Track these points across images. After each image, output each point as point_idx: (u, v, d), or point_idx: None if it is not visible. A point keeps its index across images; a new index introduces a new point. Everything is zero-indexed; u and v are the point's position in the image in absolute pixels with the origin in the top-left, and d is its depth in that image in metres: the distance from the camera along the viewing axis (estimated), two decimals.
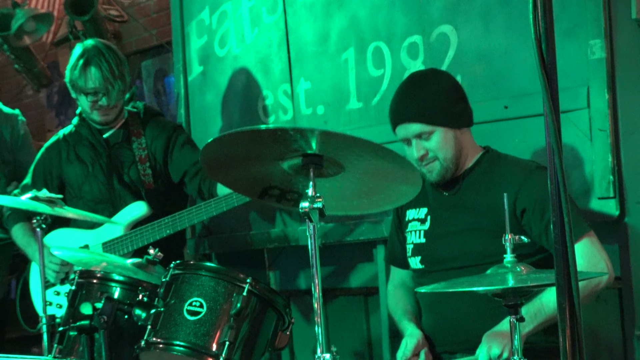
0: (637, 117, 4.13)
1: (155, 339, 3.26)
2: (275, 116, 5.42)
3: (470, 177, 3.79)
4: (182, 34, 5.85)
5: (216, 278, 3.39)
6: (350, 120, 5.00)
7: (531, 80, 4.22)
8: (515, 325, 2.81)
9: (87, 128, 4.88)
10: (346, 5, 5.02)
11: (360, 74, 4.97)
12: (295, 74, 5.25)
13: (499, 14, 4.38)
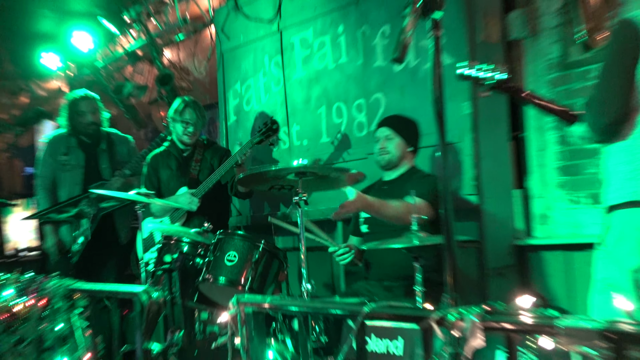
0: (488, 147, 4.14)
1: (208, 276, 3.46)
2: (278, 146, 5.39)
3: (400, 178, 3.92)
4: (224, 97, 5.88)
5: (243, 240, 3.53)
6: (322, 149, 5.02)
7: (428, 126, 3.89)
8: (419, 269, 2.96)
9: (174, 148, 4.87)
10: (320, 81, 5.07)
11: (328, 121, 5.04)
12: (290, 121, 5.33)
13: (409, 87, 4.45)
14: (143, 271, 3.93)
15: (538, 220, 4.32)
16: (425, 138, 4.24)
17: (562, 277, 4.15)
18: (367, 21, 4.70)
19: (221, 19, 5.86)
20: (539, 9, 4.30)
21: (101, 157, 5.25)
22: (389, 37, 4.58)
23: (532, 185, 4.36)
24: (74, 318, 2.55)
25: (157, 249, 3.86)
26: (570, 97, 4.14)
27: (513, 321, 1.27)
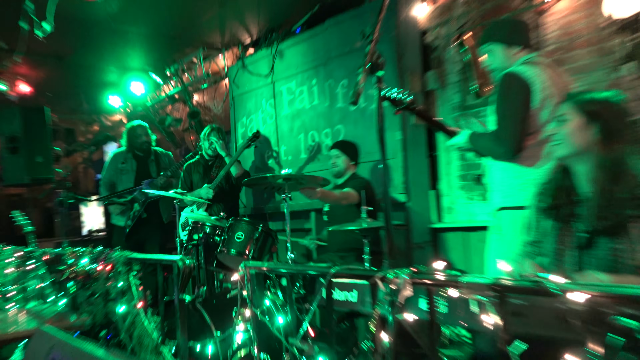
0: (412, 162, 4.17)
1: (223, 248, 3.43)
2: (272, 162, 5.35)
3: (346, 182, 3.83)
4: (235, 127, 5.81)
5: (247, 224, 3.48)
6: (301, 162, 4.97)
7: (372, 146, 4.13)
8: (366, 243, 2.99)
9: (202, 159, 4.75)
10: (300, 117, 5.02)
11: (305, 143, 4.99)
12: (280, 143, 5.27)
13: (360, 121, 4.42)
14: (178, 245, 3.92)
15: (446, 211, 4.33)
16: (369, 155, 4.24)
17: (461, 249, 4.16)
18: (332, 77, 4.69)
19: (233, 74, 5.82)
20: (446, 69, 4.32)
21: (150, 165, 5.22)
22: (346, 87, 4.57)
23: (442, 187, 4.35)
24: (130, 278, 2.50)
25: (188, 230, 3.81)
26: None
27: (431, 278, 1.25)
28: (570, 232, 1.68)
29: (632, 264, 1.52)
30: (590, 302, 0.97)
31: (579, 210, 1.68)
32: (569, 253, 1.66)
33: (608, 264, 1.56)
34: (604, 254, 1.57)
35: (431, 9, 4.30)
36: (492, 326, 1.17)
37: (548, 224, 1.75)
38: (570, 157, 1.68)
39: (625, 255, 1.54)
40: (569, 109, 1.70)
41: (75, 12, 4.57)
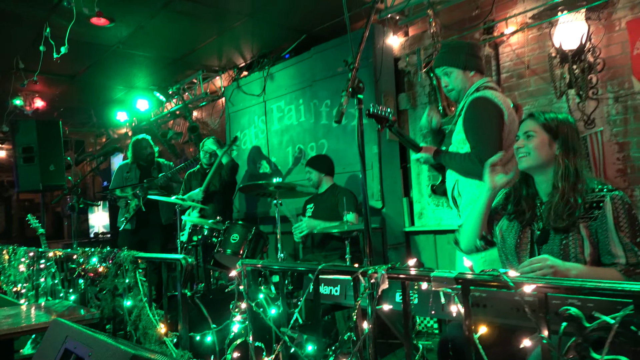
0: (387, 172, 4.18)
1: (220, 249, 3.39)
2: (263, 172, 5.28)
3: (325, 193, 3.75)
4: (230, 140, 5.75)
5: (242, 227, 3.44)
6: (290, 172, 4.95)
7: (353, 158, 4.24)
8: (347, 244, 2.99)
9: (202, 168, 4.62)
10: (288, 132, 5.01)
11: (293, 155, 4.97)
12: (270, 155, 5.23)
13: (341, 136, 4.41)
14: (179, 245, 3.86)
15: (417, 216, 4.38)
16: (350, 166, 4.28)
17: (431, 250, 4.19)
18: (316, 97, 4.71)
19: (228, 93, 5.80)
20: (416, 92, 4.40)
21: (153, 174, 5.13)
22: (330, 107, 4.59)
23: (414, 195, 4.40)
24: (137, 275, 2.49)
25: (188, 232, 3.78)
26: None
27: (405, 273, 1.27)
28: (529, 231, 1.73)
29: (580, 257, 1.58)
30: (541, 293, 1.01)
31: (537, 212, 1.73)
32: (527, 248, 1.71)
33: (559, 257, 1.60)
34: (557, 248, 1.62)
35: (403, 40, 4.41)
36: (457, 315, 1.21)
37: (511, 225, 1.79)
38: (534, 169, 1.73)
39: (573, 250, 1.59)
40: (534, 126, 1.72)
41: (88, 36, 4.56)
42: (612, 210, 1.58)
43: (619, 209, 1.57)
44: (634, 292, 0.89)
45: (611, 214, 1.57)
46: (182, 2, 4.05)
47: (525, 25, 3.56)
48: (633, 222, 1.57)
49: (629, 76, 3.13)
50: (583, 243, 1.59)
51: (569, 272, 1.48)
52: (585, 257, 1.59)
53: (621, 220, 1.56)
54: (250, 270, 1.75)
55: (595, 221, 1.60)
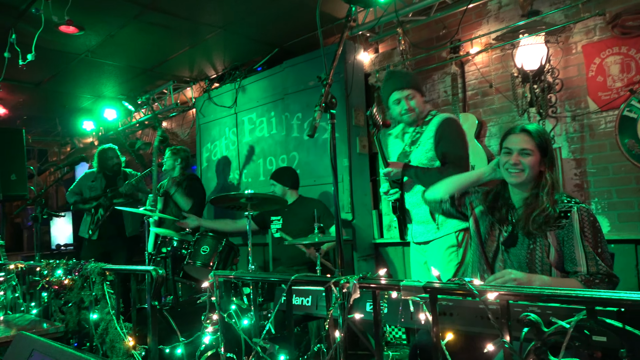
0: (357, 185, 4.21)
1: (189, 261, 3.33)
2: (233, 183, 5.32)
3: (293, 205, 3.69)
4: (200, 151, 5.72)
5: (212, 239, 3.38)
6: (260, 184, 4.92)
7: (324, 171, 4.29)
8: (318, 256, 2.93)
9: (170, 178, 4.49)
10: (260, 144, 5.02)
11: (264, 168, 4.98)
12: (241, 167, 5.22)
13: (312, 149, 4.45)
14: (147, 257, 3.74)
15: (386, 228, 4.43)
16: (321, 178, 4.32)
17: (400, 261, 4.25)
18: (288, 110, 4.75)
19: (199, 104, 5.78)
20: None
21: (119, 184, 5.01)
22: (301, 120, 4.64)
23: (382, 208, 4.47)
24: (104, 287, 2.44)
25: (157, 243, 3.68)
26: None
27: (376, 283, 1.31)
28: (497, 230, 1.83)
29: (545, 261, 1.69)
30: (503, 301, 1.07)
31: (508, 216, 1.83)
32: (493, 245, 1.82)
33: (525, 261, 1.72)
34: (524, 252, 1.73)
35: (373, 56, 4.52)
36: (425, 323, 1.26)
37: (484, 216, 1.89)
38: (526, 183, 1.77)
39: (539, 254, 1.70)
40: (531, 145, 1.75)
41: (56, 44, 4.47)
42: (578, 221, 1.68)
43: (585, 220, 1.68)
44: (586, 299, 0.96)
45: (578, 224, 1.68)
46: (155, 13, 4.04)
47: (489, 46, 3.72)
48: (596, 233, 1.67)
49: (585, 97, 3.31)
50: (549, 249, 1.70)
51: (533, 283, 1.57)
52: (550, 261, 1.70)
53: (586, 230, 1.67)
54: (223, 281, 1.75)
55: (563, 230, 1.70)
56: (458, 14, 3.86)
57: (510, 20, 3.64)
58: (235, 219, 4.78)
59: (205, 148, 5.75)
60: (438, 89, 4.11)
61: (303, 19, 4.30)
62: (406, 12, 3.87)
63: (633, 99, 3.10)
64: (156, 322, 2.10)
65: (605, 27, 3.22)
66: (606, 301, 0.93)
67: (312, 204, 3.68)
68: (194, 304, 3.40)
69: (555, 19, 3.39)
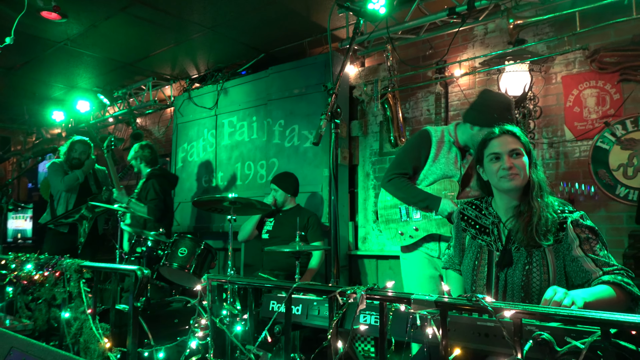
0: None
1: (165, 262, 3.20)
2: (208, 186, 5.22)
3: (289, 211, 3.69)
4: (176, 151, 5.61)
5: (191, 241, 3.26)
6: (237, 189, 4.89)
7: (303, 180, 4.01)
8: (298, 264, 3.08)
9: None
10: (239, 148, 4.98)
11: (242, 172, 4.93)
12: (217, 170, 5.15)
13: (293, 157, 4.46)
14: (118, 256, 3.64)
15: (361, 240, 4.46)
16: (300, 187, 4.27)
17: (373, 274, 4.28)
18: (270, 116, 4.73)
19: (178, 103, 5.67)
20: (368, 120, 4.55)
21: (90, 179, 4.81)
22: (283, 127, 4.62)
23: (359, 220, 4.50)
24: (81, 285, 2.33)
25: (132, 242, 3.49)
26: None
27: (384, 295, 1.30)
28: (487, 252, 1.70)
29: (544, 278, 1.57)
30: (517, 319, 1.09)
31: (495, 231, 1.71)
32: (484, 270, 1.69)
33: (521, 283, 1.59)
34: (519, 272, 1.60)
35: (360, 69, 4.57)
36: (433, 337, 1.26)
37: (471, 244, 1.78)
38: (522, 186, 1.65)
39: (537, 273, 1.57)
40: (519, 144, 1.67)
41: (35, 29, 4.29)
42: (576, 235, 1.58)
43: (585, 230, 1.58)
44: (601, 320, 0.99)
45: (577, 239, 1.57)
46: (143, 7, 3.95)
47: (474, 69, 3.82)
48: (599, 240, 1.58)
49: (562, 125, 3.46)
50: (547, 267, 1.58)
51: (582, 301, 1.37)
52: (549, 281, 1.58)
53: (586, 240, 1.56)
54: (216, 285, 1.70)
55: (561, 244, 1.59)
56: (446, 36, 3.97)
57: (495, 46, 3.77)
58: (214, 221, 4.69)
59: (182, 148, 5.64)
60: (421, 107, 4.19)
61: (292, 27, 4.31)
62: (396, 30, 3.93)
63: (606, 131, 3.26)
64: (137, 324, 2.02)
65: (584, 60, 3.38)
66: (621, 324, 0.95)
67: (307, 215, 3.66)
68: (165, 307, 3.28)
69: (538, 49, 3.53)
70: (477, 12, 3.60)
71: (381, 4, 3.50)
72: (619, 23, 3.09)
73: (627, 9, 3.01)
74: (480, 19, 3.67)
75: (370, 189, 4.48)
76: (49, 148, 4.45)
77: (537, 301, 1.59)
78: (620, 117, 3.24)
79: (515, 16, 3.21)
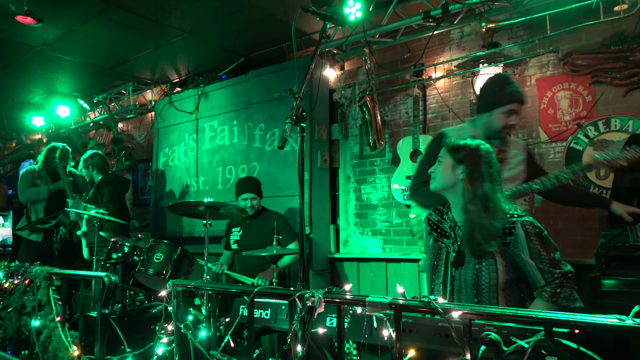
0: (317, 199, 4.22)
1: (141, 268, 3.19)
2: (190, 190, 5.19)
3: (256, 217, 3.64)
4: (157, 156, 5.56)
5: (167, 246, 3.25)
6: (218, 193, 4.85)
7: (283, 183, 4.27)
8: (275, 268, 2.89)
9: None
10: (220, 152, 4.95)
11: (223, 176, 4.90)
12: (199, 174, 5.11)
13: (273, 160, 4.42)
14: (95, 263, 3.55)
15: (342, 243, 4.48)
16: (280, 190, 4.31)
17: (355, 277, 4.28)
18: (251, 120, 4.72)
19: (159, 108, 5.64)
20: (348, 124, 4.58)
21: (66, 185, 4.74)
22: (264, 130, 4.61)
23: (340, 223, 4.51)
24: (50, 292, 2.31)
25: (107, 248, 3.42)
26: (363, 174, 4.43)
27: (342, 298, 1.31)
28: (445, 252, 1.82)
29: (493, 282, 1.65)
30: (466, 320, 1.10)
31: (452, 233, 1.81)
32: (441, 269, 1.81)
33: (472, 282, 1.68)
34: (471, 272, 1.69)
35: (339, 73, 4.59)
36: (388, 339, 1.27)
37: (430, 245, 1.90)
38: (443, 190, 1.81)
39: (486, 275, 1.66)
40: (443, 152, 1.83)
41: (9, 34, 4.25)
42: (525, 237, 1.65)
43: (530, 234, 1.65)
44: (545, 320, 1.01)
45: (525, 242, 1.65)
46: (120, 11, 3.93)
47: (450, 72, 3.87)
48: (543, 242, 1.65)
49: (537, 127, 3.50)
50: (497, 270, 1.67)
51: None
52: (498, 283, 1.66)
53: (533, 246, 1.63)
54: (182, 290, 1.70)
55: (509, 247, 1.66)
56: (423, 39, 4.01)
57: (471, 49, 3.81)
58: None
59: (163, 153, 5.61)
60: (400, 110, 4.22)
61: (271, 31, 4.32)
62: (373, 34, 3.96)
63: (580, 132, 3.31)
64: (105, 331, 2.01)
65: (557, 63, 3.43)
66: (563, 322, 0.97)
67: (274, 217, 3.64)
68: (142, 313, 3.25)
69: (513, 52, 3.58)
70: (451, 16, 3.64)
71: (357, 8, 3.54)
72: (589, 26, 3.15)
73: (597, 13, 3.06)
74: (455, 23, 3.71)
75: (351, 192, 4.50)
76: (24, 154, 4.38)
77: (487, 297, 1.68)
78: (592, 118, 3.29)
79: (487, 20, 3.25)
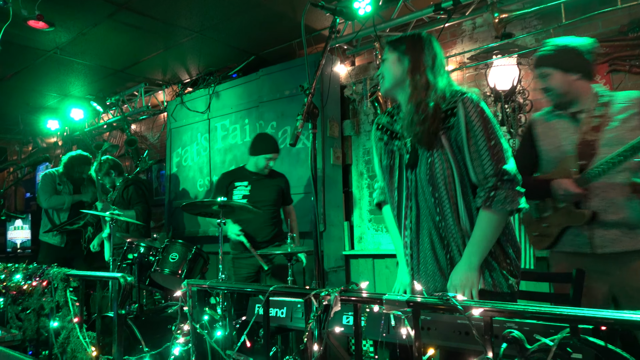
0: (330, 196, 4.20)
1: (157, 268, 3.22)
2: (204, 189, 5.20)
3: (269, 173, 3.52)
4: (170, 156, 5.59)
5: (182, 246, 3.27)
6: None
7: (297, 181, 4.19)
8: (290, 267, 3.15)
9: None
10: (232, 151, 4.95)
11: None
12: (212, 173, 5.11)
13: (286, 157, 4.33)
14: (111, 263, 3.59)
15: (357, 240, 4.45)
16: (294, 188, 4.20)
17: (370, 273, 4.25)
18: (262, 118, 4.71)
19: (171, 108, 5.66)
20: (360, 120, 4.54)
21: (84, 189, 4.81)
22: (275, 128, 4.60)
23: (354, 219, 4.48)
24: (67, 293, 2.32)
25: (124, 249, 3.45)
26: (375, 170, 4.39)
27: (358, 296, 1.29)
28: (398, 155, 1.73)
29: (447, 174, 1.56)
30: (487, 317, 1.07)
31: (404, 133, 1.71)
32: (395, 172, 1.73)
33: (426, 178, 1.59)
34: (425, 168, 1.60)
35: (350, 69, 4.55)
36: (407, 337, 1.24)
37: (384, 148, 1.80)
38: (393, 89, 1.71)
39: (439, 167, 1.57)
40: (386, 53, 1.74)
41: (23, 39, 4.29)
42: (464, 115, 1.53)
43: (471, 111, 1.53)
44: (570, 317, 0.97)
45: (463, 119, 1.53)
46: (130, 13, 3.94)
47: (463, 65, 3.80)
48: (485, 124, 1.52)
49: None
50: (447, 154, 1.56)
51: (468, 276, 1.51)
52: (455, 180, 1.55)
53: (472, 123, 1.52)
54: (196, 290, 1.69)
55: (452, 129, 1.55)
56: (434, 32, 3.94)
57: (483, 41, 3.74)
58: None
59: (176, 153, 5.63)
60: None
61: (280, 29, 4.30)
62: (384, 28, 3.91)
63: None
64: (122, 331, 2.01)
65: None
66: (589, 319, 0.94)
67: (279, 175, 3.69)
68: (159, 313, 3.27)
69: (527, 42, 3.50)
70: (463, 7, 3.57)
71: (367, 2, 3.50)
72: (605, 13, 3.07)
73: (613, 0, 2.98)
74: (467, 14, 3.65)
75: (364, 188, 4.46)
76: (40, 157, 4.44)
77: (445, 196, 1.57)
78: None
79: (500, 10, 3.19)
